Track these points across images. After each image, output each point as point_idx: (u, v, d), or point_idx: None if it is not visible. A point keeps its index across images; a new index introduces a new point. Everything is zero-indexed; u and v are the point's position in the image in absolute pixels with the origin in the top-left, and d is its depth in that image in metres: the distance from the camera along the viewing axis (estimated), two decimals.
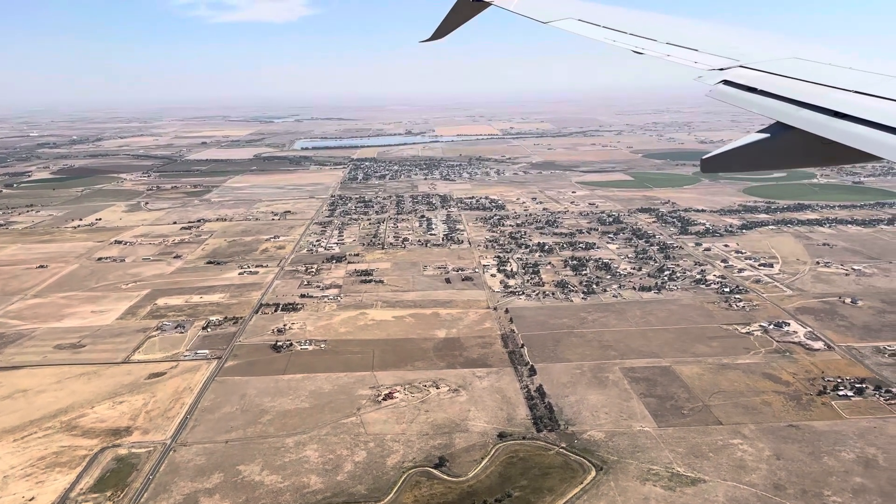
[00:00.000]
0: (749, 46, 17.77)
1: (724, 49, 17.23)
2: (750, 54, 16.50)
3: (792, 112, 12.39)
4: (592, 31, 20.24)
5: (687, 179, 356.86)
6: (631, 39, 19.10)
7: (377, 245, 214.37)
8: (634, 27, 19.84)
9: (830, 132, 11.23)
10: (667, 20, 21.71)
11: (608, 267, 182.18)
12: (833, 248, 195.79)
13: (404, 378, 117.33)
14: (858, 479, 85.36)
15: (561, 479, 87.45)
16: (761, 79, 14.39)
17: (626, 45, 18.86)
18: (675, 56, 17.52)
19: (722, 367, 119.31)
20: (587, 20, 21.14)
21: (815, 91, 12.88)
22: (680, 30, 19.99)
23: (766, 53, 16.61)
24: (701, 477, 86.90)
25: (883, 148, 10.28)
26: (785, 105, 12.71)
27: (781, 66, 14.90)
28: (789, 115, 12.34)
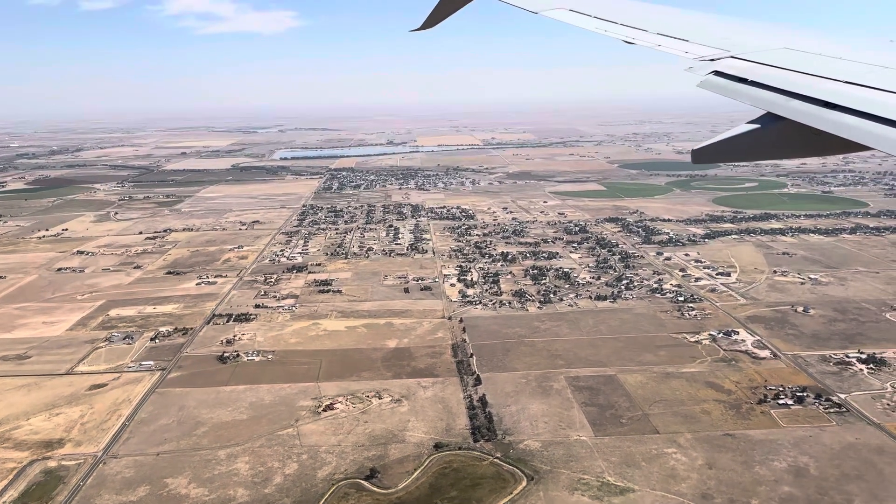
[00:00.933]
0: (740, 37, 17.71)
1: (715, 39, 17.18)
2: (741, 45, 16.40)
3: (783, 102, 12.34)
4: (584, 21, 20.03)
5: (659, 189, 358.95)
6: (622, 29, 18.93)
7: (341, 255, 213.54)
8: (626, 17, 19.69)
9: (821, 122, 11.21)
10: (658, 10, 21.62)
11: (568, 276, 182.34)
12: (793, 257, 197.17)
13: (348, 389, 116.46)
14: (787, 489, 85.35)
15: (491, 489, 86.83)
16: (752, 69, 14.33)
17: (618, 34, 18.73)
18: (666, 46, 17.38)
19: (666, 376, 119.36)
20: (578, 10, 20.92)
21: (806, 82, 12.84)
22: (671, 20, 19.91)
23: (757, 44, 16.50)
24: (630, 486, 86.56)
25: (873, 138, 10.27)
26: (776, 95, 12.63)
27: (772, 57, 14.81)
28: (780, 106, 12.27)
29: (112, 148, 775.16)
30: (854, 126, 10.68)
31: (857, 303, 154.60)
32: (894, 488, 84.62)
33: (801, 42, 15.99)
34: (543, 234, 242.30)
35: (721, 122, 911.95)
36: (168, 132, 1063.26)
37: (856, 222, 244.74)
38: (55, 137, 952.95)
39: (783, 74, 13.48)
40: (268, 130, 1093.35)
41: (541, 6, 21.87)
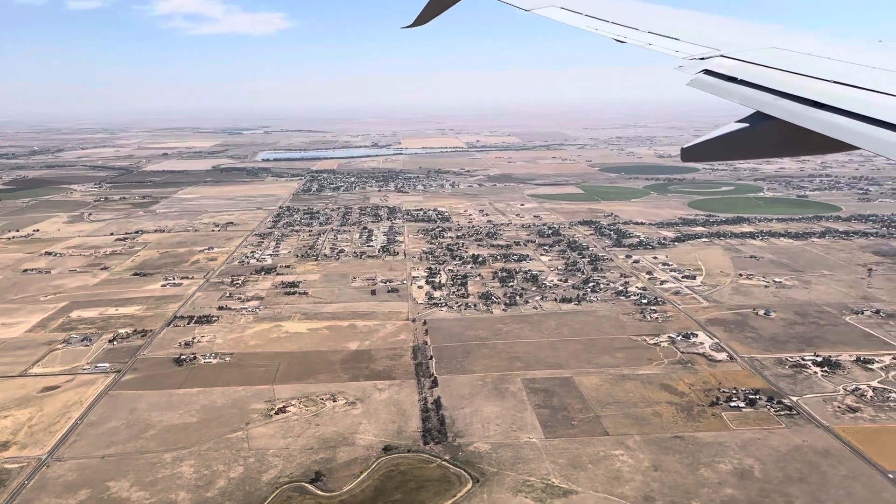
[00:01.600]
0: (730, 36, 17.78)
1: (705, 38, 17.18)
2: (731, 44, 16.40)
3: (771, 102, 12.35)
4: (575, 19, 19.99)
5: (636, 193, 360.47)
6: (613, 28, 18.91)
7: (311, 257, 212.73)
8: (617, 15, 19.67)
9: (809, 122, 11.24)
10: (649, 8, 21.60)
11: (536, 279, 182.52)
12: (760, 260, 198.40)
13: (303, 391, 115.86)
14: (729, 491, 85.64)
15: (436, 491, 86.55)
16: (741, 68, 14.32)
17: (609, 33, 18.71)
18: (657, 45, 17.34)
19: (622, 378, 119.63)
20: (570, 8, 20.85)
21: (795, 81, 12.88)
22: (662, 18, 19.87)
23: (747, 43, 16.48)
24: (574, 489, 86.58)
25: (860, 138, 10.30)
26: (764, 95, 12.65)
27: (762, 56, 14.80)
28: (769, 105, 12.29)
29: (94, 149, 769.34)
30: (842, 126, 10.74)
31: (819, 306, 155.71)
32: (835, 490, 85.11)
33: (790, 41, 16.08)
34: (516, 236, 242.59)
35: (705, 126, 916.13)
36: (152, 133, 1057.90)
37: (826, 226, 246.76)
38: (37, 138, 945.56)
39: (772, 74, 13.55)
40: (253, 132, 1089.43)
41: (532, 4, 21.79)
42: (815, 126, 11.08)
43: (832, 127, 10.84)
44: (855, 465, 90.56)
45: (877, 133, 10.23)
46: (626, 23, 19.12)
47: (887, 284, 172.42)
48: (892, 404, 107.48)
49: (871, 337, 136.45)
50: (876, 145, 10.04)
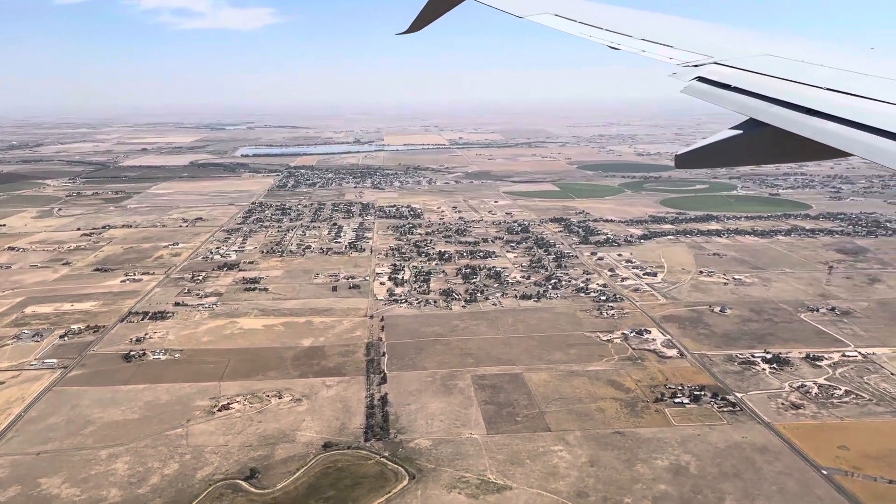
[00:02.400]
0: (723, 43, 17.88)
1: (699, 45, 17.23)
2: (724, 51, 16.43)
3: (764, 108, 12.42)
4: (569, 26, 20.15)
5: (611, 190, 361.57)
6: (607, 35, 19.04)
7: (277, 253, 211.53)
8: (611, 23, 19.81)
9: (802, 129, 11.29)
10: (643, 16, 21.59)
11: (499, 276, 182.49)
12: (723, 257, 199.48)
13: (250, 388, 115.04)
14: (663, 487, 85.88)
15: (370, 488, 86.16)
16: (735, 75, 14.39)
17: (603, 40, 18.82)
18: (651, 52, 17.42)
19: (571, 374, 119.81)
20: (564, 15, 21.00)
21: (788, 88, 12.94)
22: (656, 25, 19.98)
23: (741, 50, 16.53)
24: (509, 484, 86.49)
25: (853, 144, 10.37)
26: (758, 101, 12.70)
27: (755, 63, 14.86)
28: (762, 112, 12.36)
29: (73, 143, 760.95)
30: (835, 132, 10.80)
31: (775, 303, 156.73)
32: (768, 486, 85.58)
33: (783, 48, 16.21)
34: (486, 233, 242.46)
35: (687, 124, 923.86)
36: (134, 128, 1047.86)
37: (793, 224, 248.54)
38: (18, 132, 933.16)
39: (765, 81, 13.62)
40: (236, 127, 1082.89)
41: (526, 11, 21.96)
42: (809, 133, 11.14)
43: (825, 134, 10.92)
44: (791, 462, 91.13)
45: (869, 140, 10.32)
46: (619, 30, 19.28)
47: (846, 282, 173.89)
48: (835, 401, 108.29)
49: (823, 334, 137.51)
50: (869, 152, 10.12)
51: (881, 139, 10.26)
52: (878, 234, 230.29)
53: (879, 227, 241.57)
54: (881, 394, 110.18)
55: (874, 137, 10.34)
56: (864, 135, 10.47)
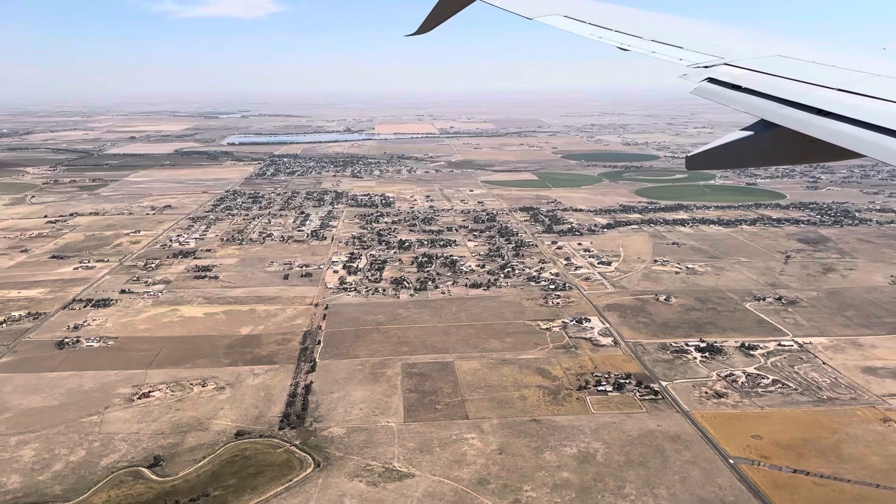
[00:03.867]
0: (734, 44, 17.87)
1: (709, 46, 17.23)
2: (735, 52, 16.31)
3: (775, 110, 12.38)
4: (578, 28, 20.21)
5: (589, 180, 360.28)
6: (616, 36, 19.06)
7: (237, 241, 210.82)
8: (620, 24, 19.84)
9: (813, 130, 11.22)
10: (652, 17, 21.54)
11: (454, 264, 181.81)
12: (681, 247, 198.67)
13: (177, 376, 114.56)
14: (566, 474, 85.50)
15: (272, 476, 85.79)
16: (745, 76, 14.38)
17: (612, 41, 18.84)
18: (661, 53, 17.35)
19: (502, 362, 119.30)
20: (573, 16, 21.05)
21: (799, 89, 12.88)
22: (665, 27, 19.97)
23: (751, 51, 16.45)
24: (413, 472, 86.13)
25: (865, 145, 10.32)
26: (768, 102, 12.71)
27: (766, 64, 14.76)
28: (773, 113, 12.32)
29: (64, 131, 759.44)
30: (847, 133, 10.71)
31: (723, 292, 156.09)
32: (671, 475, 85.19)
33: (794, 49, 16.09)
34: (452, 222, 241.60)
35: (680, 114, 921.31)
36: (128, 116, 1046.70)
37: (761, 214, 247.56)
38: (11, 120, 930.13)
39: (776, 82, 13.54)
40: (230, 116, 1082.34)
41: (536, 12, 21.98)
42: (820, 134, 11.05)
43: (837, 135, 10.82)
44: (700, 451, 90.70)
45: (881, 140, 10.20)
46: (629, 31, 19.27)
47: (800, 272, 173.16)
48: (760, 390, 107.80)
49: (764, 323, 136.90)
50: (881, 153, 10.02)
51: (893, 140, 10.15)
52: (844, 223, 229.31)
53: (848, 216, 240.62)
54: (808, 383, 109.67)
55: (886, 138, 10.21)
56: (875, 135, 10.35)
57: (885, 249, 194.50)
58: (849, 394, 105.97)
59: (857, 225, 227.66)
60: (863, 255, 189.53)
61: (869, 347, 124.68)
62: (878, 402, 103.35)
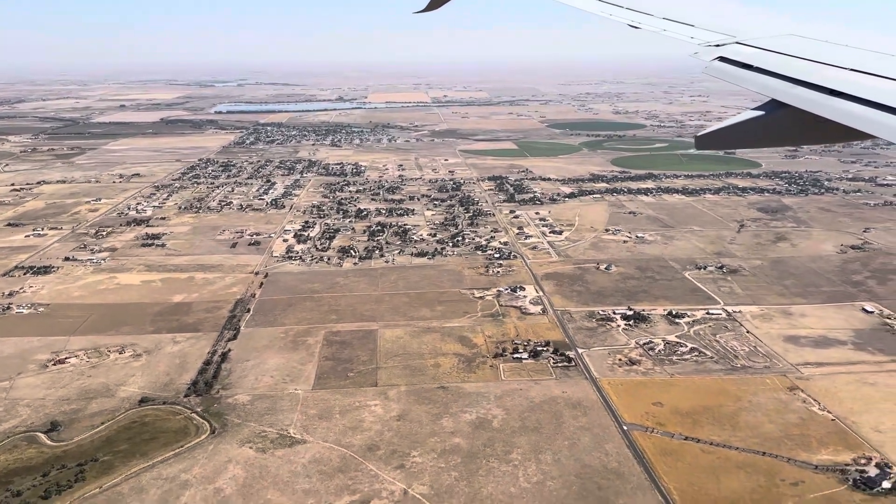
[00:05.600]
0: (746, 22, 17.75)
1: (720, 25, 17.08)
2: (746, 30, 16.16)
3: (786, 90, 12.22)
4: (589, 5, 20.14)
5: (568, 149, 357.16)
6: (627, 14, 18.98)
7: (194, 209, 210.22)
8: (631, 1, 19.71)
9: (824, 110, 11.07)
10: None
11: (406, 233, 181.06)
12: (638, 216, 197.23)
13: (97, 343, 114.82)
14: (457, 440, 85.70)
15: (165, 442, 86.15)
16: (757, 56, 14.17)
17: (623, 19, 18.74)
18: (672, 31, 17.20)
19: (426, 331, 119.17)
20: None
21: (811, 69, 12.71)
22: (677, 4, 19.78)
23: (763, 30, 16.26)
24: (305, 439, 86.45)
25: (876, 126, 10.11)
26: (779, 82, 12.56)
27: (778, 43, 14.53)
28: (783, 93, 12.15)
29: (56, 100, 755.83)
30: (858, 114, 10.52)
31: (666, 261, 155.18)
32: (561, 441, 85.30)
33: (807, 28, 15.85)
34: (417, 191, 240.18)
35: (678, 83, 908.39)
36: (123, 85, 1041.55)
37: (728, 182, 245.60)
38: (8, 89, 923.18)
39: (788, 61, 13.35)
40: (227, 84, 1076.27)
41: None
42: (831, 114, 10.84)
43: (848, 115, 10.61)
44: (597, 417, 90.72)
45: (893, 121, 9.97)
46: (640, 8, 19.09)
47: (750, 241, 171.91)
48: (675, 358, 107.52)
49: (698, 292, 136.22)
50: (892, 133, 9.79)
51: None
52: (809, 192, 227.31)
53: (816, 185, 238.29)
54: (725, 352, 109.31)
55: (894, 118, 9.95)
56: (888, 116, 10.05)
57: (842, 218, 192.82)
58: (764, 362, 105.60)
59: (822, 194, 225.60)
60: (819, 224, 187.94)
61: (798, 316, 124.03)
62: (791, 370, 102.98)
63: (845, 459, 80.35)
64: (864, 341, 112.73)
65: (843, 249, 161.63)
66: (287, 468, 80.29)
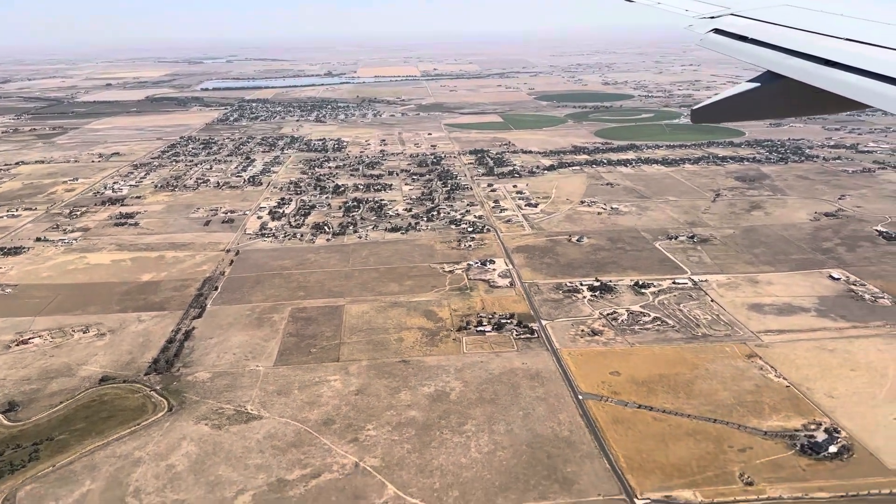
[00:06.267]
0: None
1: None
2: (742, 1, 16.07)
3: (781, 61, 12.10)
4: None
5: (553, 121, 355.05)
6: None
7: (170, 187, 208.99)
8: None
9: (820, 80, 10.94)
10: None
11: (381, 209, 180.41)
12: (615, 187, 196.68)
13: (62, 323, 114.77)
14: (413, 413, 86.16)
15: (122, 420, 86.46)
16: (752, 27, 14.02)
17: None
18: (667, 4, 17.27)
19: (392, 306, 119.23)
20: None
21: (806, 39, 12.54)
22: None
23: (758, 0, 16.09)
24: (261, 415, 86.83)
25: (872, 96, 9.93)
26: (775, 54, 12.42)
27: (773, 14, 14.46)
28: (779, 64, 12.04)
29: (42, 80, 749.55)
30: (854, 84, 10.36)
31: (638, 232, 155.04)
32: (515, 411, 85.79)
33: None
34: (397, 166, 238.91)
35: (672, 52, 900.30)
36: (111, 63, 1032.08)
37: (709, 152, 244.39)
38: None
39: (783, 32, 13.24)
40: (215, 61, 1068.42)
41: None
42: (826, 85, 10.70)
43: (843, 85, 10.47)
44: (553, 388, 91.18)
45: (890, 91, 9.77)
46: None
47: (725, 210, 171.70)
48: (637, 328, 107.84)
49: (667, 262, 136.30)
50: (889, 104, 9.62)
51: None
52: (789, 160, 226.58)
53: (797, 153, 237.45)
54: (688, 321, 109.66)
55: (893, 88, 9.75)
56: (884, 86, 9.88)
57: (819, 186, 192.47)
58: (725, 330, 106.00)
59: (802, 162, 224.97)
60: (796, 192, 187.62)
61: (765, 284, 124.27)
62: (752, 338, 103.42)
63: (795, 425, 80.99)
64: (827, 308, 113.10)
65: (816, 217, 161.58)
66: (241, 444, 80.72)
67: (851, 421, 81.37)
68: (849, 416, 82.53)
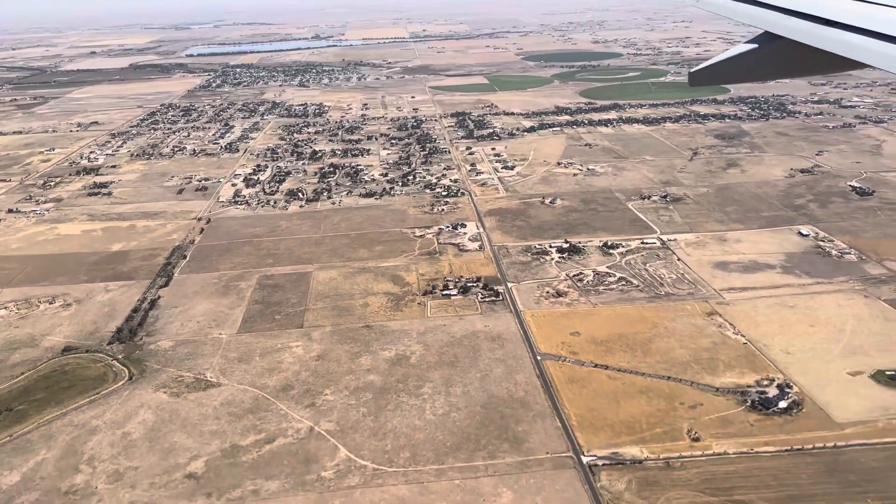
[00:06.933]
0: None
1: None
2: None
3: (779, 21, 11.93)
4: None
5: (538, 81, 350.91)
6: None
7: (146, 156, 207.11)
8: None
9: (818, 41, 10.72)
10: None
11: (357, 174, 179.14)
12: (593, 148, 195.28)
13: (29, 294, 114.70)
14: (372, 377, 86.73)
15: (82, 390, 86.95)
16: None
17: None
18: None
19: (360, 271, 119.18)
20: None
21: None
22: None
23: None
24: (221, 382, 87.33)
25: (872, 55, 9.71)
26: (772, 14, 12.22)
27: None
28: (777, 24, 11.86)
29: (26, 48, 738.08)
30: (853, 43, 10.12)
31: (612, 192, 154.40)
32: (473, 374, 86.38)
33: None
34: (377, 131, 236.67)
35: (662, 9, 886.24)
36: (97, 31, 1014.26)
37: (690, 110, 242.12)
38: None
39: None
40: (203, 26, 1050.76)
41: None
42: (825, 45, 10.50)
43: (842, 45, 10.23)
44: (513, 349, 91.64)
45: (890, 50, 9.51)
46: None
47: (701, 168, 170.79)
48: (601, 289, 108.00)
49: (637, 222, 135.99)
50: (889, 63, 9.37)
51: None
52: (771, 117, 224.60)
53: (779, 110, 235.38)
54: (652, 280, 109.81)
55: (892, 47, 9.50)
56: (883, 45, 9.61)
57: (798, 142, 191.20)
58: (688, 289, 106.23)
59: (783, 118, 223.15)
60: (774, 148, 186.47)
61: (733, 242, 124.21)
62: (714, 296, 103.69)
63: (748, 381, 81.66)
64: (792, 265, 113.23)
65: (791, 174, 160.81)
66: (197, 411, 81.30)
67: (805, 376, 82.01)
68: (802, 371, 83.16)
